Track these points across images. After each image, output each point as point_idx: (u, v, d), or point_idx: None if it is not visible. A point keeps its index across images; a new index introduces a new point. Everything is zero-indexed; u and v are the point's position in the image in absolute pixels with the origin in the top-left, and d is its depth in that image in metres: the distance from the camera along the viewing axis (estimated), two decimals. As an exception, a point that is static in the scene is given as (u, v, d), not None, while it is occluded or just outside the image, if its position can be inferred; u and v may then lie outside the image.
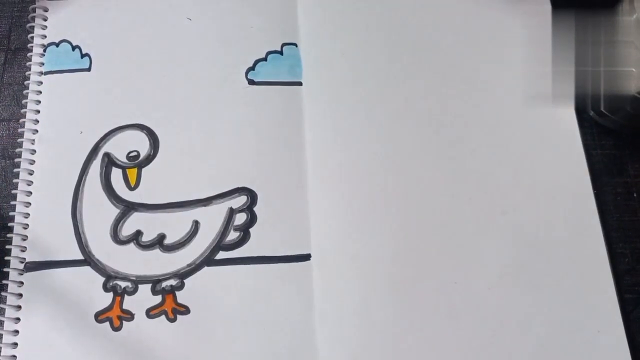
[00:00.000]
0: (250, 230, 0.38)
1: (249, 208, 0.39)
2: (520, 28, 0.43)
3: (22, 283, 0.37)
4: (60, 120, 0.41)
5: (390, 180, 0.39)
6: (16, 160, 0.40)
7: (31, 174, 0.39)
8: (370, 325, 0.36)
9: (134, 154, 0.40)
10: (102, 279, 0.37)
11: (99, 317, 0.36)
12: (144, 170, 0.40)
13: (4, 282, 0.37)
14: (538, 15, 0.42)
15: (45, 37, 0.43)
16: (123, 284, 0.37)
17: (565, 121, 0.41)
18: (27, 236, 0.38)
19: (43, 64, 0.42)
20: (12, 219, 0.38)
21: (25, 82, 0.42)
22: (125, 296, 0.37)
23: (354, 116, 0.41)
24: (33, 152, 0.40)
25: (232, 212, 0.38)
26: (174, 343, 0.36)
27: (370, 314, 0.36)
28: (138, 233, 0.38)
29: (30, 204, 0.39)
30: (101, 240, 0.38)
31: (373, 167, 0.40)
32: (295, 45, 0.43)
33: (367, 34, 0.43)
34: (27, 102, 0.41)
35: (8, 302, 0.36)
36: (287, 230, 0.38)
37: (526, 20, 0.42)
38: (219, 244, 0.38)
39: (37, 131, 0.40)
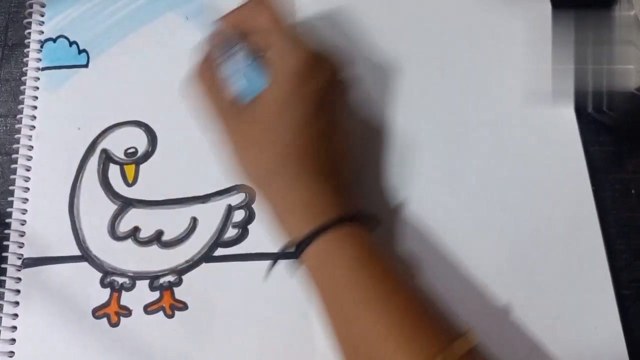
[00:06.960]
0: (249, 227, 0.38)
1: (247, 205, 0.38)
2: (520, 27, 0.43)
3: (19, 279, 0.37)
4: (57, 116, 0.40)
5: (390, 177, 0.39)
6: (13, 156, 0.40)
7: (28, 170, 0.39)
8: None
9: (132, 150, 0.40)
10: (99, 275, 0.37)
11: (97, 312, 0.36)
12: (141, 166, 0.40)
13: (2, 278, 0.37)
14: (538, 14, 0.42)
15: (43, 32, 0.43)
16: (121, 279, 0.37)
17: (564, 118, 0.41)
18: (24, 232, 0.38)
19: (40, 59, 0.42)
20: (9, 215, 0.38)
21: (23, 78, 0.42)
22: (123, 292, 0.36)
23: (353, 112, 0.41)
24: (30, 148, 0.40)
25: (230, 209, 0.38)
26: (172, 339, 0.36)
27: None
28: (136, 229, 0.38)
29: (27, 200, 0.39)
30: (99, 236, 0.38)
31: (372, 163, 0.40)
32: (294, 41, 0.43)
33: (365, 32, 0.43)
34: (24, 98, 0.41)
35: (6, 298, 0.36)
36: (285, 227, 0.38)
37: (526, 19, 0.42)
38: (217, 241, 0.38)
39: (34, 127, 0.40)
